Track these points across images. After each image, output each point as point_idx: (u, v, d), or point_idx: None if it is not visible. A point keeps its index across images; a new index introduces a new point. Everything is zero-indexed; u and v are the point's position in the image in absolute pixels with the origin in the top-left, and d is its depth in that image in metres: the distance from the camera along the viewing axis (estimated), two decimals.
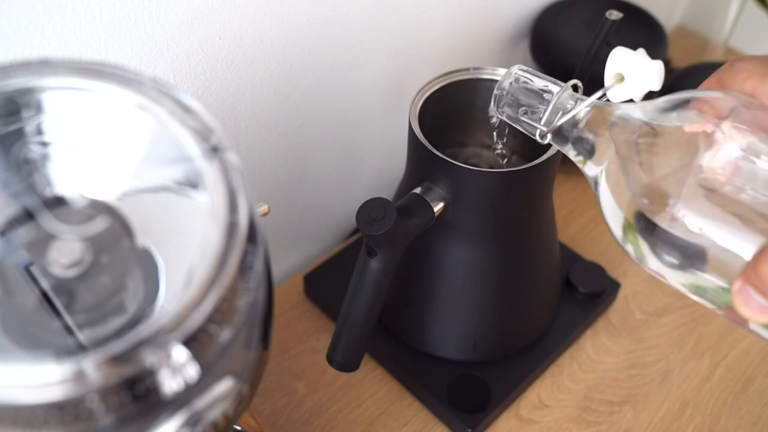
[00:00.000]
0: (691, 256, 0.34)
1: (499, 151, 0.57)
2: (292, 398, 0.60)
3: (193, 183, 0.30)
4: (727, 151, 0.34)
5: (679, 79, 0.77)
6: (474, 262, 0.55)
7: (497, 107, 0.45)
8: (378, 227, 0.47)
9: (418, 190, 0.51)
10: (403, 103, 0.70)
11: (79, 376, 0.24)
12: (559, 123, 0.42)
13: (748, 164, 0.34)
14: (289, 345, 0.64)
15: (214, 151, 0.30)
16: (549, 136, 0.43)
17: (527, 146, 0.57)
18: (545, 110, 0.43)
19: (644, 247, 0.36)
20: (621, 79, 0.43)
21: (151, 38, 0.49)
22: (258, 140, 0.61)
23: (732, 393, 0.62)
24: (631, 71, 0.43)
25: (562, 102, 0.42)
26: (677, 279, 0.36)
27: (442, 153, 0.49)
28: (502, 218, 0.53)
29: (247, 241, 0.29)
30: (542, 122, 0.43)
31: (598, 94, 0.42)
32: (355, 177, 0.73)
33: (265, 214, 0.38)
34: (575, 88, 0.43)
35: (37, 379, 0.24)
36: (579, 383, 0.62)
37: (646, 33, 0.73)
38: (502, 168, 0.52)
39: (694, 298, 0.36)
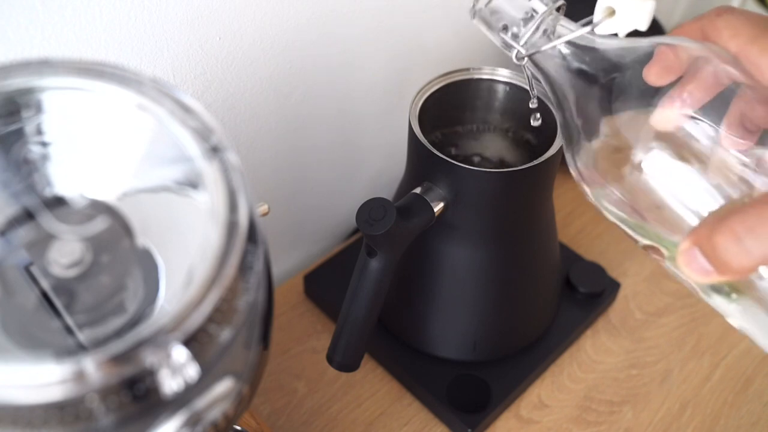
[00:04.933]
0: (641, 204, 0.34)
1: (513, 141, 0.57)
2: (292, 398, 0.60)
3: (193, 183, 0.30)
4: (681, 109, 0.33)
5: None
6: (474, 262, 0.55)
7: (475, 10, 0.41)
8: (378, 227, 0.47)
9: (418, 190, 0.51)
10: (403, 103, 0.70)
11: (79, 376, 0.24)
12: (541, 49, 0.39)
13: (699, 126, 0.33)
14: (289, 345, 0.64)
15: (214, 151, 0.30)
16: (526, 59, 0.40)
17: (527, 144, 0.57)
18: (527, 31, 0.39)
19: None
20: (612, 13, 0.40)
21: (151, 38, 0.49)
22: (258, 140, 0.61)
23: (732, 393, 0.62)
24: (623, 7, 0.40)
25: (546, 26, 0.39)
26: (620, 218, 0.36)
27: (441, 153, 0.49)
28: (502, 218, 0.53)
29: (247, 241, 0.29)
30: (521, 42, 0.40)
31: (588, 28, 0.39)
32: (355, 177, 0.73)
33: (265, 214, 0.38)
34: (560, 10, 0.40)
35: (37, 379, 0.24)
36: (579, 383, 0.62)
37: (645, 33, 0.73)
38: (502, 167, 0.52)
39: (638, 239, 0.36)
